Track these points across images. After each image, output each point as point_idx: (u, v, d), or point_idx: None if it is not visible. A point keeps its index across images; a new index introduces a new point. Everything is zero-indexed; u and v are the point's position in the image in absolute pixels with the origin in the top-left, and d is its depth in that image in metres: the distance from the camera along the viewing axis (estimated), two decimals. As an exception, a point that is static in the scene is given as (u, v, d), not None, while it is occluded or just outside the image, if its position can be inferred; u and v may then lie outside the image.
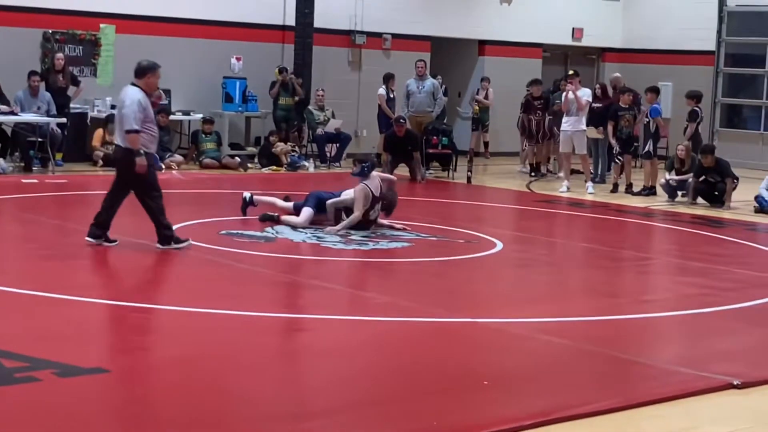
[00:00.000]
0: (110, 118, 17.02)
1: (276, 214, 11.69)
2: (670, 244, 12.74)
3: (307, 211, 11.49)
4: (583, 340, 7.41)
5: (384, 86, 18.98)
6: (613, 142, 16.82)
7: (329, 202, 11.61)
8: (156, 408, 5.63)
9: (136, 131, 9.55)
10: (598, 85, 18.60)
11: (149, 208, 9.89)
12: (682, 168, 15.81)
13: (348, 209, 11.50)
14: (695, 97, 16.92)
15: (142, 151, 9.60)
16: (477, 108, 21.05)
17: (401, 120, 17.34)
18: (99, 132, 16.92)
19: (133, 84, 9.78)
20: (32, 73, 16.13)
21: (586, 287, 9.67)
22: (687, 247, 12.39)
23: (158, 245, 9.86)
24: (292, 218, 11.50)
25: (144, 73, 9.79)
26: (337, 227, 11.27)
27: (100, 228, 9.89)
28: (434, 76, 19.69)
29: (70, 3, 17.32)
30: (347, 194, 11.52)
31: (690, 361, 6.97)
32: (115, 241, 9.89)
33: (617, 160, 16.89)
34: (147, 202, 9.90)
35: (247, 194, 12.04)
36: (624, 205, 15.26)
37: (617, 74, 19.99)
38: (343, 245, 10.65)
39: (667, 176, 16.01)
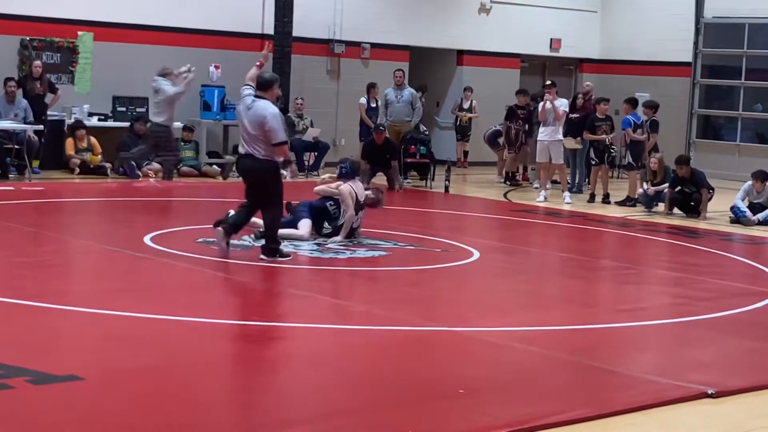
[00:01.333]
0: (77, 124, 16.95)
1: (230, 213, 11.48)
2: (646, 253, 12.78)
3: (305, 223, 11.43)
4: (558, 349, 7.41)
5: (366, 95, 19.01)
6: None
7: (317, 188, 11.61)
8: (130, 417, 5.59)
9: (286, 142, 10.00)
10: (581, 96, 18.69)
11: (271, 218, 10.15)
12: (654, 179, 15.89)
13: (328, 215, 11.49)
14: (654, 107, 16.90)
15: (290, 160, 10.68)
16: (466, 116, 21.16)
17: (381, 128, 17.38)
18: (70, 141, 16.82)
19: (258, 97, 9.94)
20: (8, 79, 16.07)
21: (563, 296, 9.69)
22: (663, 257, 12.46)
23: (263, 256, 10.07)
24: (293, 231, 11.31)
25: (270, 85, 10.04)
26: (340, 236, 11.22)
27: (233, 229, 10.21)
28: (419, 88, 19.76)
29: (48, 10, 17.27)
30: (336, 185, 11.49)
31: (665, 370, 6.98)
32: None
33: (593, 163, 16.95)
34: (270, 212, 10.13)
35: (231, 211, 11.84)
36: (601, 215, 15.32)
37: (589, 83, 20.08)
38: (319, 253, 10.64)
39: (644, 187, 16.08)
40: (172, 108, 16.05)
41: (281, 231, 11.23)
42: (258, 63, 10.45)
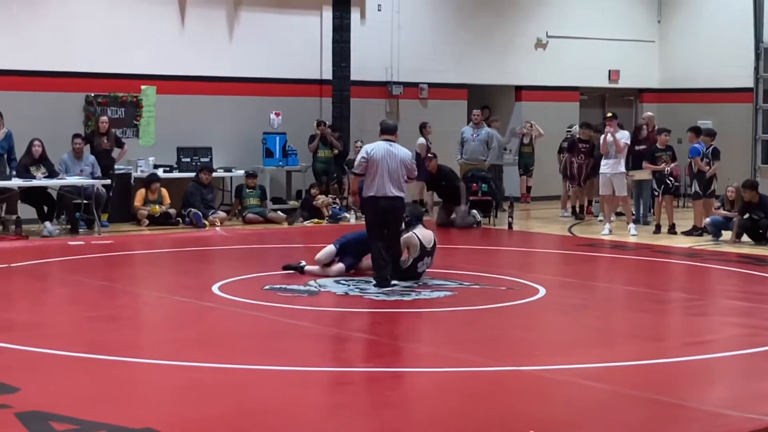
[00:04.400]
0: (152, 177, 17.32)
1: (301, 263, 11.80)
2: (714, 284, 12.67)
3: (338, 267, 11.74)
4: (627, 385, 7.39)
5: (421, 135, 19.15)
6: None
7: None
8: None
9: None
10: (645, 126, 18.61)
11: (394, 252, 11.17)
12: (732, 209, 15.68)
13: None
14: (713, 135, 16.70)
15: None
16: (530, 127, 21.18)
17: (430, 154, 17.61)
18: (141, 192, 17.18)
19: (388, 140, 11.16)
20: (75, 136, 16.41)
21: (630, 331, 9.64)
22: (732, 287, 12.32)
23: (393, 285, 11.00)
24: (326, 269, 11.73)
25: (396, 129, 11.43)
26: (405, 258, 11.47)
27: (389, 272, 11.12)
28: (488, 122, 19.90)
29: (111, 66, 17.66)
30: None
31: (736, 403, 6.93)
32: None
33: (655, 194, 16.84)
34: (394, 246, 11.15)
35: (303, 263, 12.08)
36: (667, 246, 15.21)
37: (650, 113, 19.99)
38: (385, 296, 10.71)
39: (714, 213, 15.88)
40: None
41: (314, 269, 11.50)
42: None
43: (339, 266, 11.80)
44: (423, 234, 11.59)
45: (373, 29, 20.30)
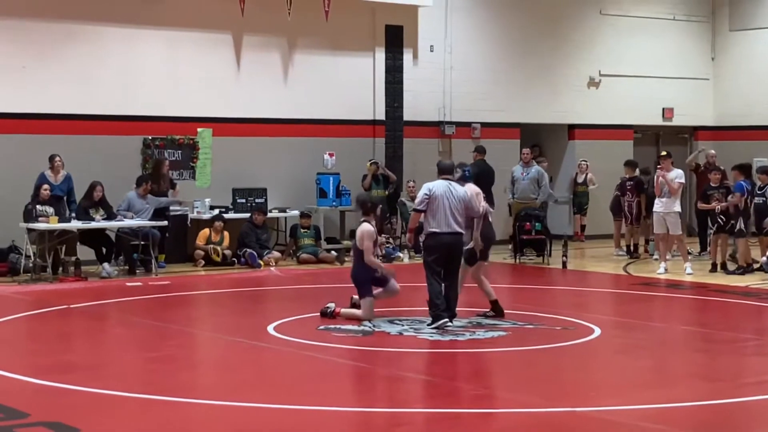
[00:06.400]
0: (218, 218, 17.49)
1: (332, 307, 11.83)
2: (772, 323, 12.54)
3: (366, 302, 11.68)
4: (684, 426, 7.34)
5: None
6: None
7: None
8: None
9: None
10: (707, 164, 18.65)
11: (456, 288, 11.34)
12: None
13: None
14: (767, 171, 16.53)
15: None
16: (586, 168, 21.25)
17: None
18: (205, 231, 17.39)
19: (446, 179, 11.36)
20: (144, 179, 16.61)
21: (687, 371, 9.57)
22: (790, 326, 12.19)
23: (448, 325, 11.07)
24: (356, 311, 11.67)
25: (453, 169, 11.62)
26: (475, 241, 11.64)
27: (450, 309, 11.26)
28: (538, 160, 19.90)
29: (169, 109, 17.94)
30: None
31: (796, 445, 6.86)
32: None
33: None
34: (453, 285, 11.28)
35: (331, 305, 12.07)
36: (723, 285, 15.06)
37: (712, 151, 19.89)
38: (439, 336, 10.73)
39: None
40: None
41: (343, 311, 11.52)
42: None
43: (364, 301, 11.74)
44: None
45: (425, 70, 20.43)
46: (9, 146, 16.66)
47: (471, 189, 11.65)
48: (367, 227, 11.75)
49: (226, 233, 17.53)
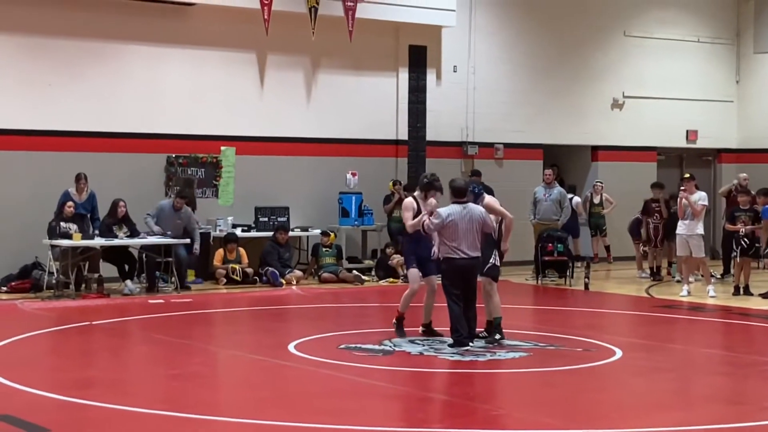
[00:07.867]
0: (229, 237, 17.57)
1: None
2: (795, 347, 12.46)
3: (412, 273, 11.83)
4: (705, 449, 7.30)
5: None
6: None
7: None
8: None
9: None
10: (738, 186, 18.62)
11: (474, 308, 11.26)
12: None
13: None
14: None
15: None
16: (601, 211, 21.18)
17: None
18: (219, 251, 17.44)
19: (459, 202, 11.32)
20: (179, 195, 16.73)
21: (708, 394, 9.52)
22: (813, 350, 12.11)
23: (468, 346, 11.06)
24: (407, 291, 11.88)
25: (467, 190, 11.51)
26: (504, 245, 11.72)
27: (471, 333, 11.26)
28: (560, 183, 19.85)
29: (192, 128, 18.05)
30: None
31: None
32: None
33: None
34: (472, 307, 11.24)
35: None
36: (746, 308, 14.99)
37: (744, 174, 19.83)
38: (460, 357, 10.72)
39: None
40: None
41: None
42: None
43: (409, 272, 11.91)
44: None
45: (448, 90, 20.48)
46: (34, 163, 16.80)
47: (488, 201, 11.68)
48: (407, 200, 11.94)
49: (241, 250, 17.57)
